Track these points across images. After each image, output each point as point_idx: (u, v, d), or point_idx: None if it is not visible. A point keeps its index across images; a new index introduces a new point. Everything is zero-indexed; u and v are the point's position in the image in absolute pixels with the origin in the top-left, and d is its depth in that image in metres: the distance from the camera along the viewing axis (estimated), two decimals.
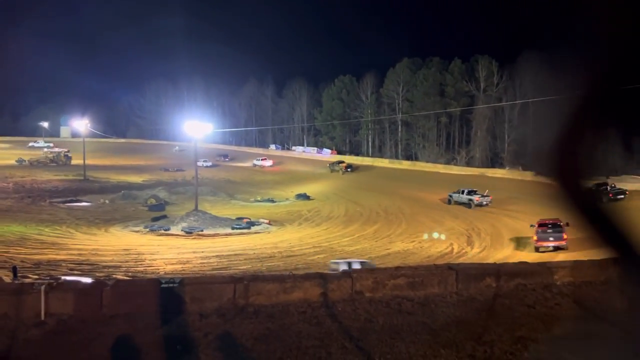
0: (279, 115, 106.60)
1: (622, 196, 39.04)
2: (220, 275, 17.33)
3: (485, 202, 42.14)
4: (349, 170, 68.96)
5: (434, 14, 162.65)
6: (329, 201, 46.95)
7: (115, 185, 54.31)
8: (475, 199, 42.48)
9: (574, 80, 1.42)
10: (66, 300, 5.52)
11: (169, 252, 27.99)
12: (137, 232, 33.12)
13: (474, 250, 28.77)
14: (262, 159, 77.84)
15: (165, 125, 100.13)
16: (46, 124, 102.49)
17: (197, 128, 40.15)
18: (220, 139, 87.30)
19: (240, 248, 28.84)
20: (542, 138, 1.53)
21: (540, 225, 27.57)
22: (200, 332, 5.12)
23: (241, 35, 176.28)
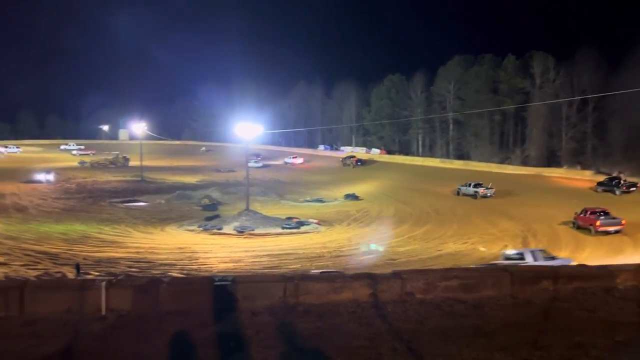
0: (328, 115, 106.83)
1: (634, 189, 45.67)
2: (271, 274, 17.57)
3: (489, 194, 46.79)
4: (358, 164, 77.88)
5: (485, 10, 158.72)
6: (377, 201, 46.63)
7: (170, 185, 56.04)
8: (481, 191, 47.24)
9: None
10: (125, 296, 5.72)
11: (221, 251, 28.60)
12: (191, 231, 33.96)
13: None
14: (293, 157, 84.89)
15: (217, 128, 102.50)
16: (106, 127, 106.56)
17: (247, 130, 40.75)
18: (270, 140, 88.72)
19: (290, 247, 29.08)
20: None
21: (591, 212, 32.55)
22: (252, 329, 5.19)
23: (291, 38, 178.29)
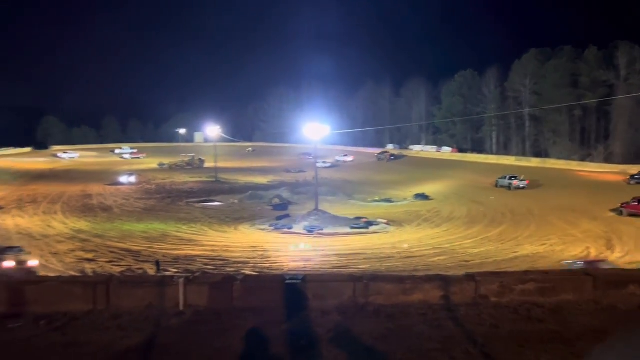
0: (397, 114, 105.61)
1: None
2: (340, 274, 17.63)
3: (522, 185, 49.99)
4: (392, 158, 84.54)
5: (561, 1, 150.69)
6: (449, 201, 45.47)
7: (243, 186, 57.64)
8: (514, 183, 50.42)
9: None
10: (201, 292, 5.96)
11: (292, 250, 29.13)
12: (263, 230, 34.71)
13: (615, 255, 26.08)
14: (343, 155, 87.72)
15: (287, 129, 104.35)
16: (183, 130, 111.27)
17: (315, 130, 41.09)
18: (338, 140, 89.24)
19: (359, 247, 28.98)
20: None
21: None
22: (322, 328, 5.24)
23: (359, 37, 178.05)
